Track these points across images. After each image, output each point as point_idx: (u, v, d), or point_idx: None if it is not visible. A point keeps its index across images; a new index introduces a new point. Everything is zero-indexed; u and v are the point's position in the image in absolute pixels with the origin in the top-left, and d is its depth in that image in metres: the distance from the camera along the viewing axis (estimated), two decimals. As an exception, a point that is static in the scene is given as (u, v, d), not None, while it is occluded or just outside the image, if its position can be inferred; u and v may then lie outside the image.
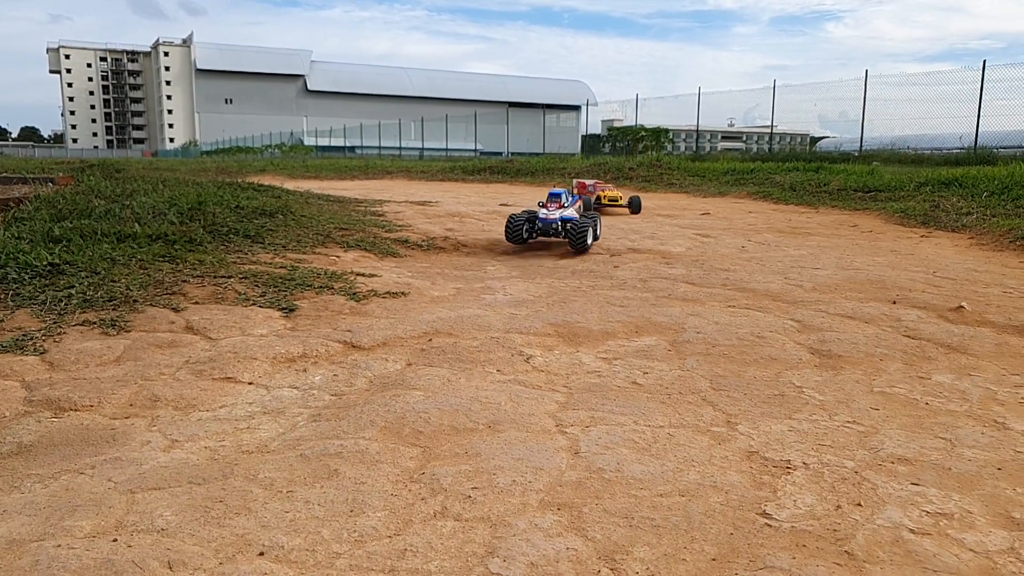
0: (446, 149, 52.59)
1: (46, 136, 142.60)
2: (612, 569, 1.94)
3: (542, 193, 16.69)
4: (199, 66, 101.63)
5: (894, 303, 5.09)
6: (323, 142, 68.71)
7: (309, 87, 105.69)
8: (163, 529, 2.12)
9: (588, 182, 12.61)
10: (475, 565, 1.95)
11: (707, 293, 5.48)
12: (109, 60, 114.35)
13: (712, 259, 7.10)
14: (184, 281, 4.99)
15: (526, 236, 7.69)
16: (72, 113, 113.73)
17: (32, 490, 2.40)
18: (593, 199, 11.76)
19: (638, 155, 32.20)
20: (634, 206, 12.07)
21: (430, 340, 4.18)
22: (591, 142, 48.51)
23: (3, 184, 12.31)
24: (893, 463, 2.61)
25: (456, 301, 5.22)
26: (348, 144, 65.74)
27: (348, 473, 2.49)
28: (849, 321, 4.60)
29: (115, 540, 2.04)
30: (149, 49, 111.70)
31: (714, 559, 2.00)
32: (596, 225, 7.74)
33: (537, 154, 40.49)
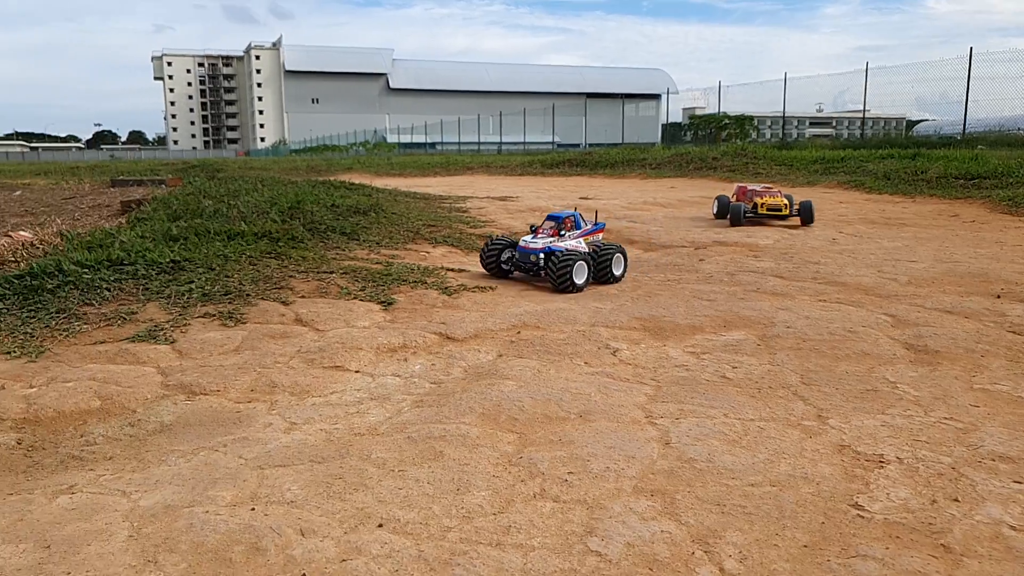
0: (524, 142, 52.87)
1: (150, 139, 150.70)
2: (706, 551, 2.05)
3: (623, 186, 16.69)
4: (287, 68, 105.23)
5: (998, 297, 4.95)
6: (405, 139, 70.08)
7: (391, 85, 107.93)
8: (292, 501, 2.35)
9: (754, 187, 9.92)
10: (575, 543, 2.09)
11: (797, 287, 5.45)
12: (206, 65, 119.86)
13: (801, 252, 7.01)
14: (291, 276, 5.32)
15: (505, 266, 5.96)
16: (173, 116, 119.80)
17: (176, 464, 2.69)
18: (746, 208, 9.23)
19: (721, 144, 31.57)
20: (806, 214, 9.06)
21: (519, 333, 4.34)
22: (671, 131, 47.82)
23: (121, 186, 13.24)
24: (994, 460, 2.61)
25: (540, 295, 5.36)
26: (428, 140, 66.91)
27: (452, 455, 2.68)
28: (948, 316, 4.50)
29: (253, 509, 2.28)
30: (242, 53, 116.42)
31: (806, 546, 2.08)
32: (610, 259, 5.72)
33: (615, 145, 40.19)
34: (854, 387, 3.39)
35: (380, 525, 2.19)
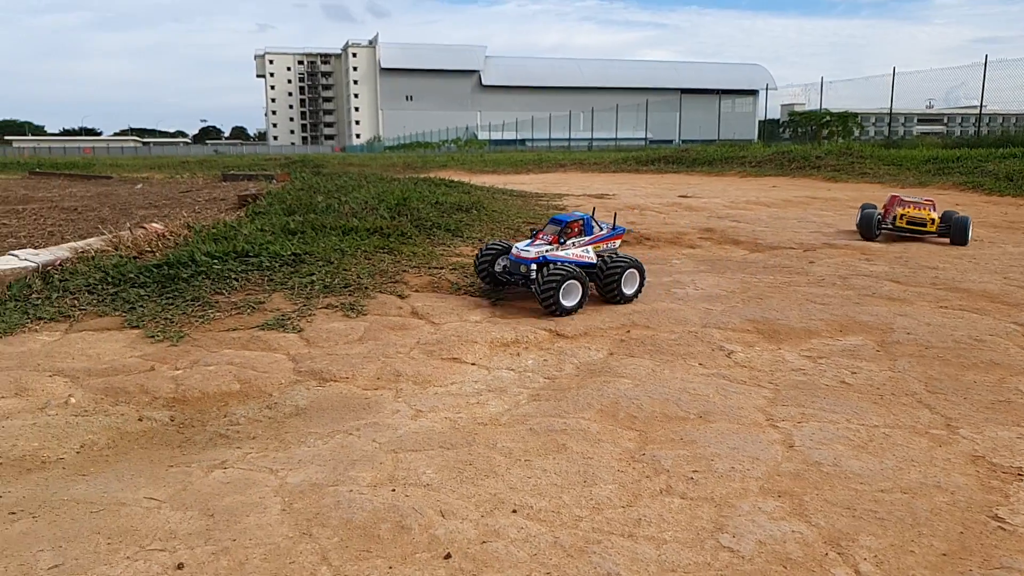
0: (615, 139, 52.43)
1: (252, 134, 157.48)
2: (839, 554, 2.06)
3: (722, 184, 16.37)
4: (383, 65, 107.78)
5: None
6: (496, 136, 70.70)
7: (483, 82, 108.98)
8: (428, 484, 2.48)
9: (911, 198, 8.44)
10: (706, 538, 2.13)
11: (915, 292, 5.26)
12: (305, 63, 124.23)
13: (917, 256, 6.74)
14: (404, 271, 5.52)
15: (500, 276, 5.09)
16: (273, 113, 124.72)
17: (315, 445, 2.87)
18: (888, 220, 7.97)
19: (823, 142, 30.43)
20: (957, 233, 7.46)
21: (628, 332, 4.38)
22: (769, 128, 46.41)
23: (231, 180, 13.98)
24: None
25: (648, 294, 5.37)
26: (519, 137, 67.25)
27: (575, 448, 2.76)
28: (1083, 326, 4.27)
29: (393, 490, 2.43)
30: (339, 51, 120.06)
31: (944, 554, 2.05)
32: (619, 275, 4.86)
33: (710, 141, 39.31)
34: (984, 397, 3.28)
35: (514, 511, 2.29)
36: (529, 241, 5.02)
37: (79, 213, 10.04)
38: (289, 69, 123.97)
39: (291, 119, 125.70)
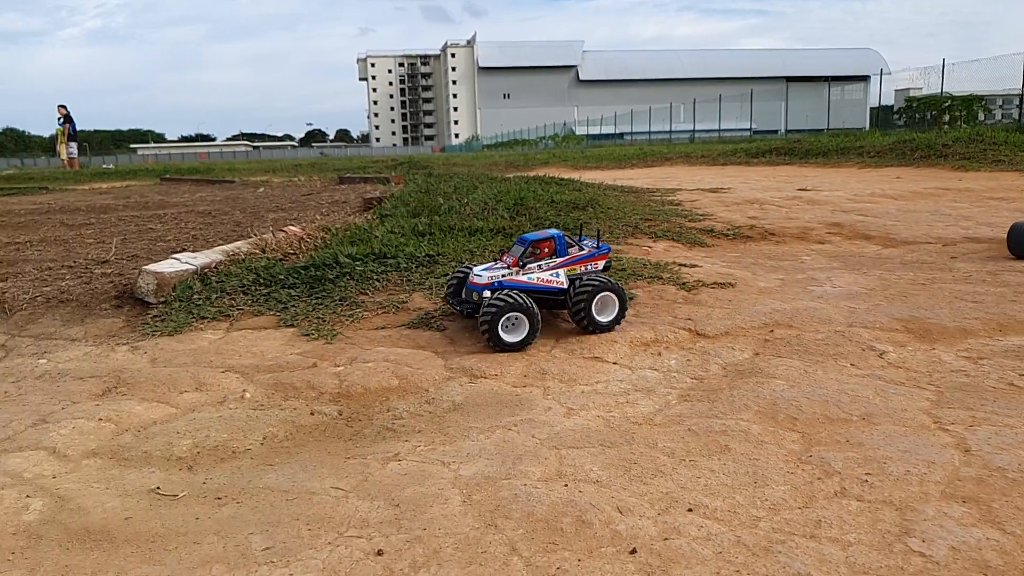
0: (718, 130, 51.20)
1: (355, 136, 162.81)
2: (1041, 564, 1.98)
3: (841, 176, 15.72)
4: (481, 64, 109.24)
5: None
6: (593, 131, 70.41)
7: (580, 77, 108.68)
8: (598, 481, 2.55)
9: None
10: (893, 541, 2.10)
11: (1077, 289, 4.94)
12: (405, 65, 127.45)
13: (1073, 249, 6.29)
14: (532, 270, 5.62)
15: (454, 306, 4.52)
16: (375, 115, 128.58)
17: (478, 440, 2.99)
18: None
19: (944, 128, 28.71)
20: None
21: (771, 331, 4.31)
22: (882, 115, 44.12)
23: (348, 183, 14.56)
24: None
25: (784, 293, 5.27)
26: (617, 131, 66.68)
27: (739, 449, 2.76)
28: None
29: (566, 485, 2.51)
30: (438, 52, 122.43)
31: None
32: (587, 300, 4.15)
33: (818, 130, 37.74)
34: None
35: (690, 510, 2.32)
36: (490, 264, 4.45)
37: (214, 217, 10.70)
38: (390, 71, 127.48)
39: (392, 120, 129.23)
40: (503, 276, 4.22)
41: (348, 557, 2.15)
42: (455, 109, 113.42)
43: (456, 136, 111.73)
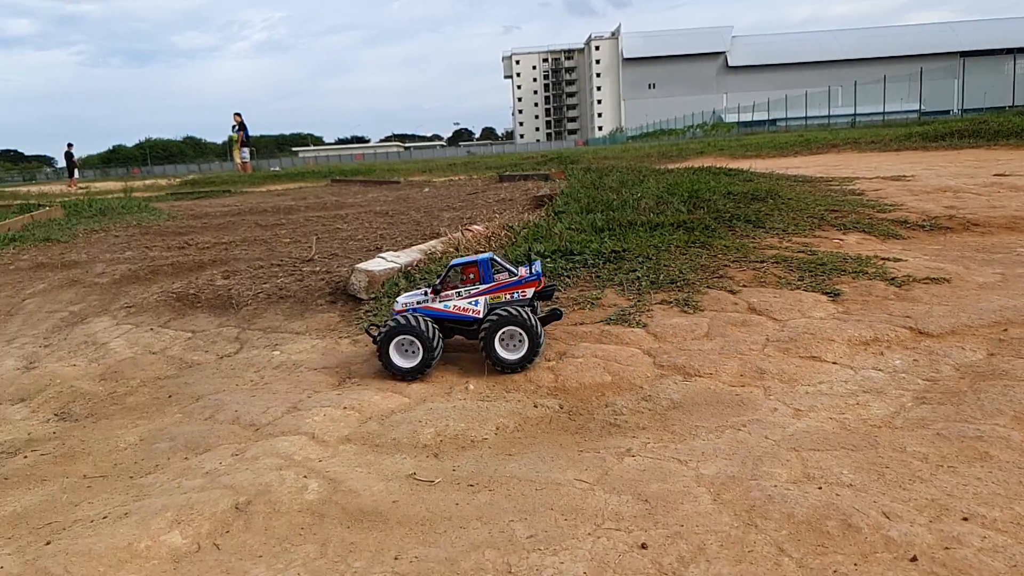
0: (882, 112, 47.75)
1: (499, 134, 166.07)
2: None
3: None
4: (625, 55, 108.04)
5: None
6: (744, 118, 67.79)
7: (729, 63, 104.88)
8: (851, 485, 2.48)
9: None
10: None
11: None
12: (549, 60, 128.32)
13: None
14: (725, 266, 5.52)
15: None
16: (520, 112, 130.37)
17: (708, 439, 3.00)
18: None
19: None
20: None
21: (1005, 330, 4.00)
22: (1082, 87, 39.38)
23: (510, 181, 14.92)
24: None
25: (1010, 289, 4.86)
26: (770, 117, 63.79)
27: (1003, 457, 2.59)
28: None
29: (819, 488, 2.46)
30: (582, 46, 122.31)
31: None
32: (491, 333, 3.85)
33: (998, 109, 34.36)
34: None
35: (965, 519, 2.22)
36: (415, 291, 4.39)
37: (392, 217, 11.28)
38: (534, 67, 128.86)
39: (536, 116, 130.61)
40: (417, 303, 4.13)
41: (612, 549, 2.23)
42: (598, 102, 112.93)
43: (599, 129, 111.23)
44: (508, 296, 4.09)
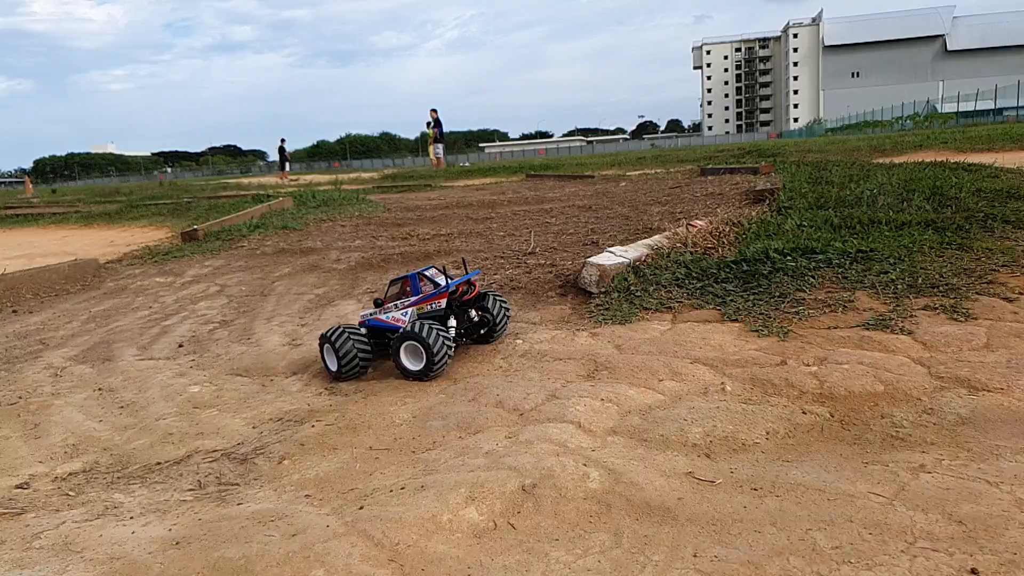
0: None
1: (686, 126, 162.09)
2: None
3: None
4: (827, 43, 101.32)
5: None
6: (965, 107, 61.21)
7: (948, 47, 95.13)
8: None
9: None
10: None
11: None
12: (743, 50, 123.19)
13: None
14: (993, 270, 5.01)
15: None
16: (709, 103, 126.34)
17: (1016, 460, 2.72)
18: None
19: None
20: None
21: None
22: None
23: (714, 174, 14.50)
24: None
25: None
26: (998, 106, 57.19)
27: None
28: None
29: None
30: (779, 34, 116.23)
31: None
32: (397, 346, 4.25)
33: None
34: None
35: None
36: (370, 310, 4.83)
37: (597, 211, 11.34)
38: (726, 57, 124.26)
39: (726, 108, 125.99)
40: (370, 315, 4.64)
41: (936, 571, 2.09)
42: (794, 92, 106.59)
43: (795, 121, 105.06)
44: (429, 307, 4.53)
